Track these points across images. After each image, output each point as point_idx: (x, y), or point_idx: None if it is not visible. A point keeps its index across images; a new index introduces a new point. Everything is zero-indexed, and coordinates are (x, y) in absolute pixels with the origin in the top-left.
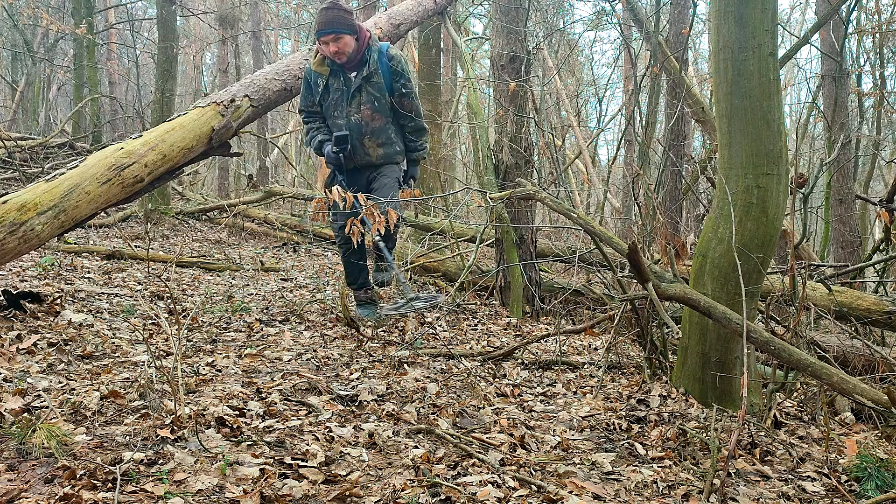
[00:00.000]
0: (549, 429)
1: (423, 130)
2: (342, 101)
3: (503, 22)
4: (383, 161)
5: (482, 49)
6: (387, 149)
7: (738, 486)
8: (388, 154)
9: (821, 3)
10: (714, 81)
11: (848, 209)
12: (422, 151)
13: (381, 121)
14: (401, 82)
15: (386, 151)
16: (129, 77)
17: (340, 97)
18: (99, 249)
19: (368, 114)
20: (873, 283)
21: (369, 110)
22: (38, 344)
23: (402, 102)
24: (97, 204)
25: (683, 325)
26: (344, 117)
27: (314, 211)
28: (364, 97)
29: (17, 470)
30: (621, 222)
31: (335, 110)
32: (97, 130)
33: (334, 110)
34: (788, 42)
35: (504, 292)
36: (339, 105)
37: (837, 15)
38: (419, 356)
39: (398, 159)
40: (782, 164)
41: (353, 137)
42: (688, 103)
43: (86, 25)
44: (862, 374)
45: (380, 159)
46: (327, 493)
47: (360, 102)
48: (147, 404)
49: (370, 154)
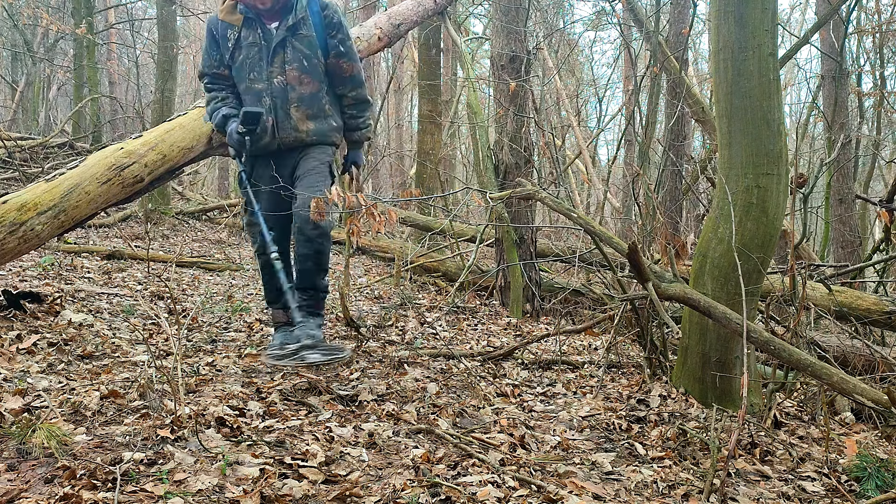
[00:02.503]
0: (549, 429)
1: (366, 103)
2: (260, 60)
3: (503, 22)
4: (315, 139)
5: (482, 49)
6: (320, 123)
7: (738, 486)
8: (321, 130)
9: (821, 3)
10: (714, 81)
11: (848, 209)
12: (365, 130)
13: (311, 85)
14: (338, 38)
15: (319, 126)
16: (129, 77)
17: (258, 54)
18: (99, 249)
19: (295, 76)
20: (873, 283)
21: (296, 71)
22: (38, 344)
23: (339, 64)
24: (97, 204)
25: (683, 325)
26: (264, 80)
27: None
28: (289, 54)
29: (17, 470)
30: (621, 222)
31: (251, 71)
32: (97, 130)
33: (249, 71)
34: (788, 42)
35: (504, 292)
36: (255, 65)
37: (837, 15)
38: (419, 356)
39: (334, 138)
40: (782, 164)
41: (277, 107)
42: (688, 103)
43: (86, 25)
44: (862, 374)
45: (311, 136)
46: (327, 493)
47: (283, 61)
48: (147, 404)
49: (299, 129)
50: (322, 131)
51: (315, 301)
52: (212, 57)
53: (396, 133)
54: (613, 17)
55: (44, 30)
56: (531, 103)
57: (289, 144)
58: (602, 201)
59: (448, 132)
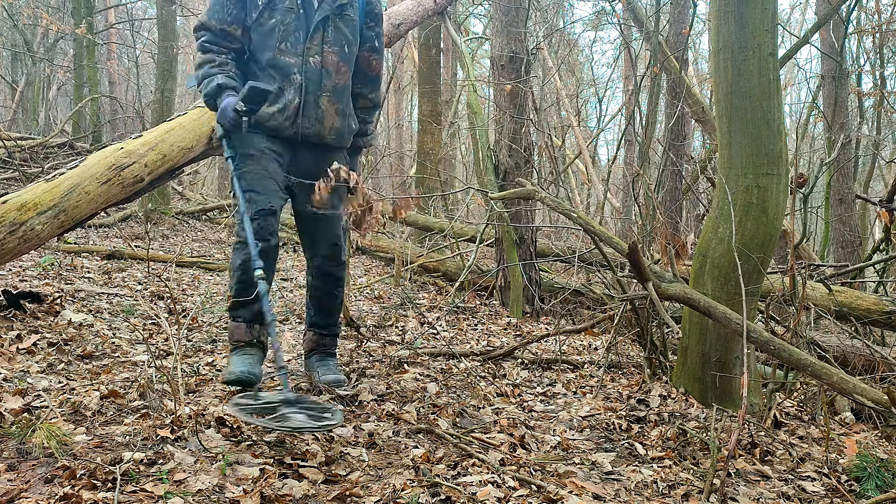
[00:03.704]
0: (549, 429)
1: (378, 108)
2: (297, 30)
3: (503, 22)
4: (334, 140)
5: (482, 49)
6: (343, 122)
7: (738, 486)
8: (342, 131)
9: (821, 3)
10: (714, 81)
11: (848, 209)
12: (370, 137)
13: (346, 77)
14: (375, 30)
15: (342, 126)
16: (129, 77)
17: (295, 22)
18: (99, 249)
19: (334, 61)
20: (873, 283)
21: (335, 56)
22: (38, 344)
23: (369, 60)
24: (97, 204)
25: (683, 325)
26: (298, 55)
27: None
28: (331, 34)
29: (17, 470)
30: (621, 222)
31: (283, 41)
32: (97, 130)
33: (281, 40)
34: (788, 42)
35: (504, 292)
36: (290, 35)
37: (837, 15)
38: (419, 356)
39: (349, 142)
40: (782, 164)
41: (307, 90)
42: (688, 103)
43: (86, 25)
44: (862, 374)
45: (332, 135)
46: (327, 493)
47: (323, 40)
48: (147, 404)
49: (324, 123)
50: (343, 133)
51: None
52: (228, 8)
53: (396, 133)
54: (613, 17)
55: (44, 30)
56: (531, 103)
57: (307, 137)
58: (602, 201)
59: (448, 132)
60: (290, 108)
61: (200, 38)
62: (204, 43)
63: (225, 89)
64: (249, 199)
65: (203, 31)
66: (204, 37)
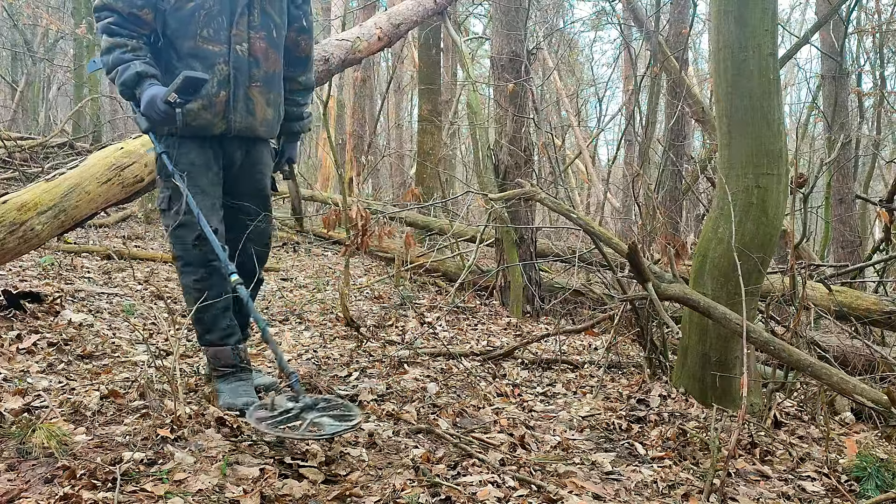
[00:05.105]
0: (549, 429)
1: (311, 90)
2: (220, 15)
3: (503, 22)
4: (264, 132)
5: (482, 49)
6: (274, 113)
7: (738, 486)
8: (272, 122)
9: (821, 3)
10: (714, 81)
11: (848, 209)
12: (307, 120)
13: (276, 63)
14: (303, 8)
15: (273, 117)
16: None
17: (217, 6)
18: (99, 249)
19: (262, 47)
20: (873, 283)
21: (263, 42)
22: (38, 344)
23: (297, 41)
24: (97, 204)
25: (683, 325)
26: (223, 42)
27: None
28: (257, 18)
29: (17, 470)
30: (621, 222)
31: (205, 27)
32: (97, 130)
33: (203, 27)
34: (788, 42)
35: (504, 292)
36: (213, 20)
37: (837, 15)
38: (419, 356)
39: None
40: (782, 164)
41: (236, 81)
42: (688, 103)
43: (86, 25)
44: (862, 374)
45: (262, 127)
46: (327, 493)
47: (249, 25)
48: (147, 404)
49: (256, 115)
50: (272, 124)
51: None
52: None
53: (396, 133)
54: (613, 17)
55: (44, 30)
56: (531, 103)
57: (238, 131)
58: (602, 201)
59: (448, 132)
60: (217, 103)
61: (105, 19)
62: (111, 25)
63: (145, 77)
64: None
65: (107, 12)
66: (110, 18)
